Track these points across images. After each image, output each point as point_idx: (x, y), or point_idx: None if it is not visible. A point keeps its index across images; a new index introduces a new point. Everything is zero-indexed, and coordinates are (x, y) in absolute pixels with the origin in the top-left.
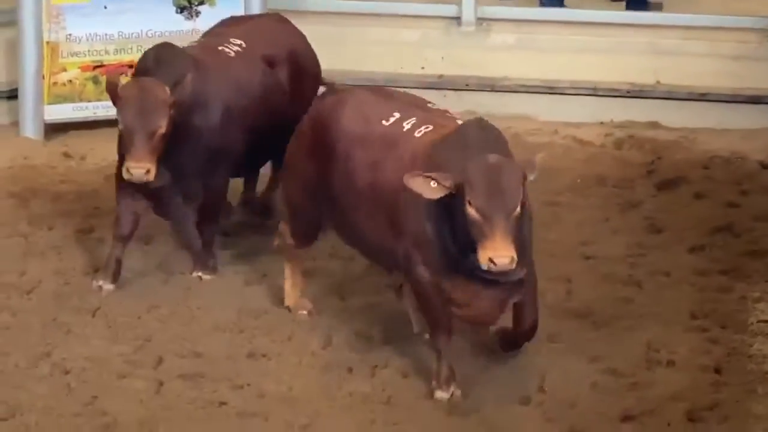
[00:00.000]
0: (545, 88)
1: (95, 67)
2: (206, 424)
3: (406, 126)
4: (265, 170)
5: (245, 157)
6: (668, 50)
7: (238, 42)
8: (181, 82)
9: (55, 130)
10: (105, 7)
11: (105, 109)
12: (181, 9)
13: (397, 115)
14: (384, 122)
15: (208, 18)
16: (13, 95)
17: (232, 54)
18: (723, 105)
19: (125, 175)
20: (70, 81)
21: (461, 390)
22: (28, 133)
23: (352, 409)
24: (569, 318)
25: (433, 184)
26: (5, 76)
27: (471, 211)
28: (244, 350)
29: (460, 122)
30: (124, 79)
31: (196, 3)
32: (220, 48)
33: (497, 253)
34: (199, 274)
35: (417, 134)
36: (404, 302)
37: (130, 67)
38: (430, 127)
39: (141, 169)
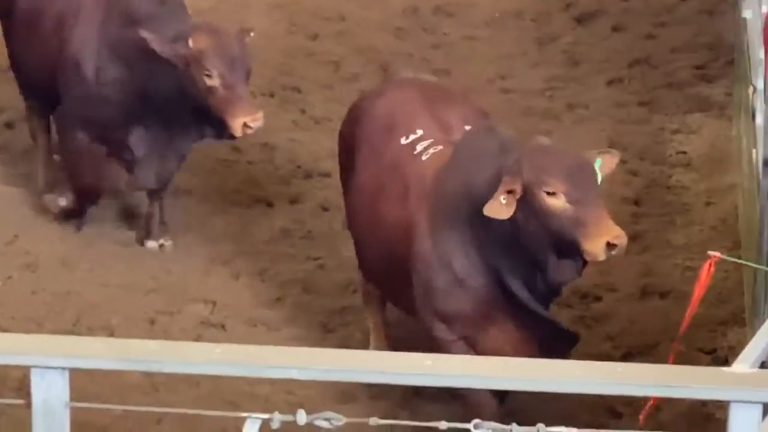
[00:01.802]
0: None
1: None
2: (127, 261)
3: (419, 148)
4: None
5: None
6: None
7: None
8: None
9: None
10: None
11: None
12: None
13: (419, 132)
14: (403, 139)
15: None
16: None
17: None
18: None
19: (241, 131)
20: None
21: None
22: None
23: (273, 244)
24: None
25: (503, 199)
26: None
27: (556, 202)
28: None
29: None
30: None
31: None
32: None
33: (614, 234)
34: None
35: (424, 158)
36: None
37: None
38: (440, 147)
39: (259, 120)
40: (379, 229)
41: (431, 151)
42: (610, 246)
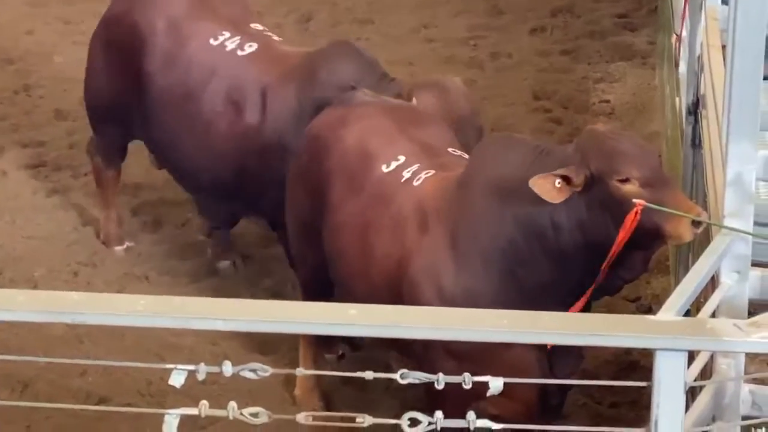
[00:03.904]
0: None
1: None
2: (50, 212)
3: (406, 175)
4: None
5: None
6: None
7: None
8: None
9: None
10: None
11: None
12: None
13: (401, 159)
14: (384, 167)
15: None
16: None
17: None
18: None
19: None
20: None
21: None
22: None
23: None
24: None
25: (558, 183)
26: None
27: (630, 189)
28: (86, 138)
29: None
30: None
31: None
32: None
33: (696, 211)
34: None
35: (416, 183)
36: None
37: None
38: (431, 172)
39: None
40: (369, 264)
41: (422, 176)
42: (695, 224)
